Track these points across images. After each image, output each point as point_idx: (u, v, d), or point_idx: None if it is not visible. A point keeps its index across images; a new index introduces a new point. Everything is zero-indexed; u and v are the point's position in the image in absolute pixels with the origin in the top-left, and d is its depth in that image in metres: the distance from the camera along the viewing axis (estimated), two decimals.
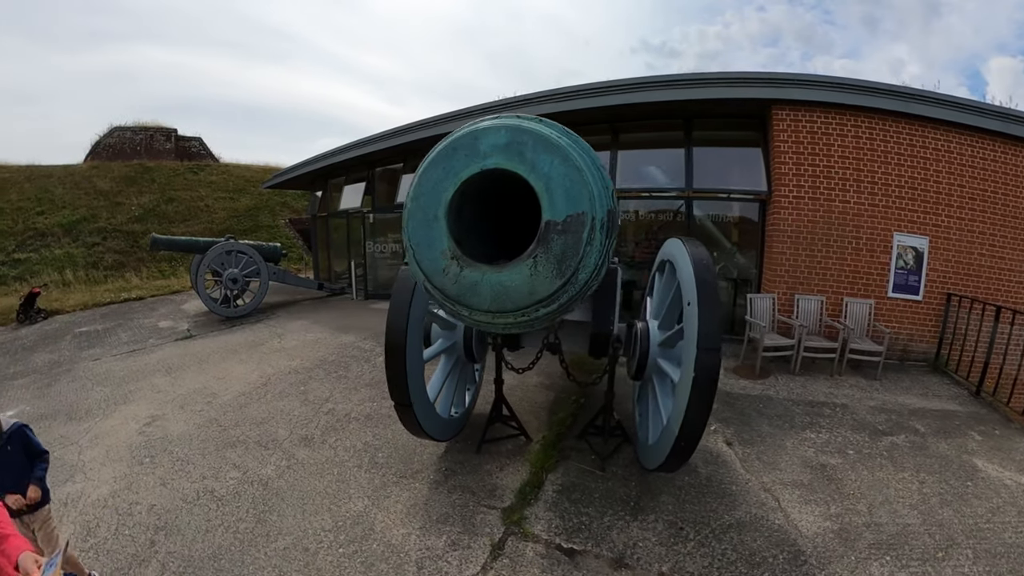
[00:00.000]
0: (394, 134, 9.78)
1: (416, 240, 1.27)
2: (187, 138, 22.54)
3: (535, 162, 1.22)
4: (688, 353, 2.67)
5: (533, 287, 1.23)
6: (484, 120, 1.38)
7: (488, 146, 1.23)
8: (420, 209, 1.27)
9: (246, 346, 6.83)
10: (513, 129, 1.25)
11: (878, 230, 6.32)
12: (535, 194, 1.26)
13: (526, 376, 4.90)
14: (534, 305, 1.28)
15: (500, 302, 1.25)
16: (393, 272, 10.62)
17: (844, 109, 6.26)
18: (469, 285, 1.26)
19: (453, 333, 3.74)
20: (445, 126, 8.72)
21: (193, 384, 5.35)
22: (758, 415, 4.52)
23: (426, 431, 3.25)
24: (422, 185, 1.28)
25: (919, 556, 2.67)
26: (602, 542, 2.78)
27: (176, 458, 3.79)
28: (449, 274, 1.26)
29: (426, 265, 1.29)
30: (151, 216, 16.87)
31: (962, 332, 5.88)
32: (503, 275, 1.26)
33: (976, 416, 4.63)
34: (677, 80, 6.68)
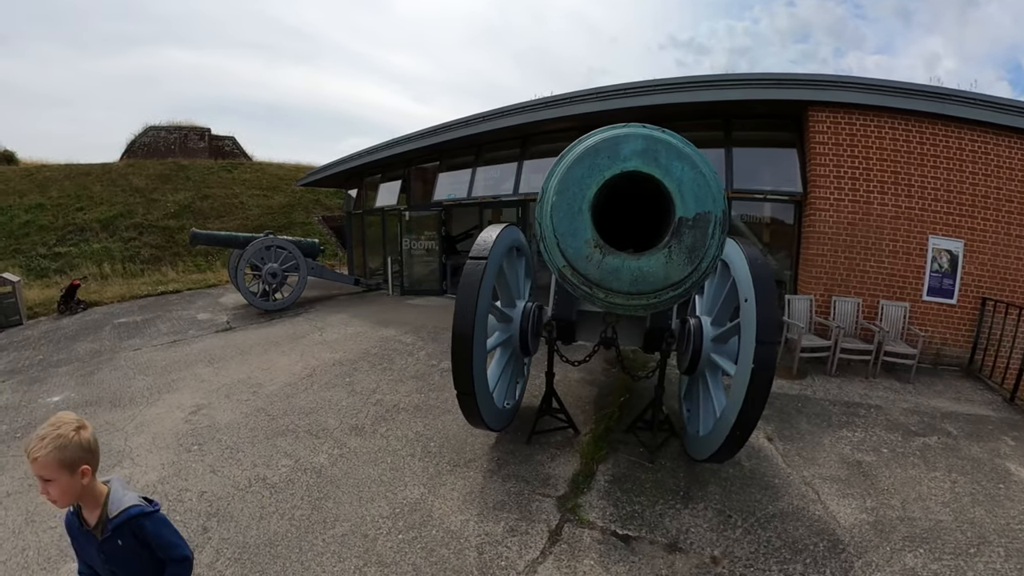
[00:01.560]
0: (429, 133, 10.02)
1: (562, 230, 1.41)
2: (220, 137, 23.18)
3: (669, 167, 1.37)
4: (746, 347, 2.82)
5: (668, 273, 1.40)
6: (616, 128, 1.49)
7: (628, 151, 1.37)
8: (565, 202, 1.40)
9: (287, 338, 7.03)
10: (647, 137, 1.39)
11: (913, 233, 6.31)
12: (662, 194, 1.37)
13: (568, 372, 5.02)
14: (666, 288, 1.43)
15: (638, 285, 1.41)
16: (428, 269, 10.86)
17: (880, 111, 6.27)
18: (611, 270, 1.40)
19: (509, 326, 3.87)
20: (479, 126, 8.94)
21: (237, 375, 5.52)
22: (797, 413, 4.63)
23: (484, 420, 3.38)
24: (567, 181, 1.42)
25: (951, 551, 2.77)
26: (656, 529, 2.92)
27: (225, 446, 3.85)
28: (592, 260, 1.41)
29: (571, 253, 1.43)
30: (186, 212, 17.41)
31: (997, 337, 5.85)
32: (641, 262, 1.42)
33: (1009, 422, 4.65)
34: (717, 80, 6.75)
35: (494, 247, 3.31)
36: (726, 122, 7.34)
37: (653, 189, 1.39)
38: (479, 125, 8.91)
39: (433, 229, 10.71)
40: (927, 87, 6.26)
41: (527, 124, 8.37)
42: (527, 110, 8.26)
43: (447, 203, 10.38)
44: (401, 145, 10.63)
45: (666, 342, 3.69)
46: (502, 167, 9.70)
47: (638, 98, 7.19)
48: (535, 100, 8.36)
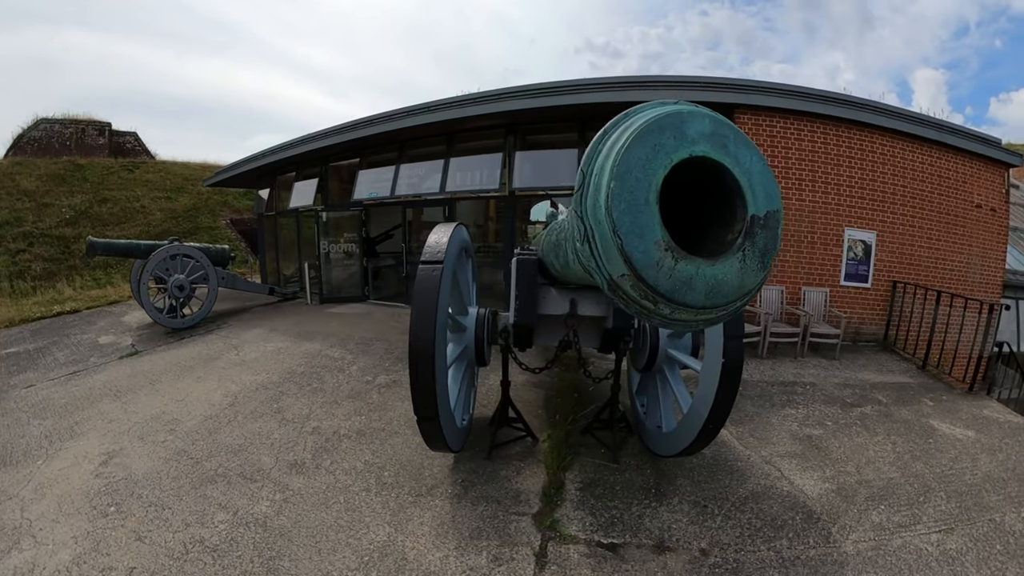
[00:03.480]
0: (349, 128, 9.56)
1: (624, 228, 1.14)
2: (121, 133, 20.81)
3: (738, 156, 1.22)
4: (714, 341, 2.93)
5: (743, 281, 1.22)
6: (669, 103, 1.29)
7: (695, 132, 1.18)
8: (628, 191, 1.14)
9: (201, 361, 6.26)
10: (714, 119, 1.21)
11: (831, 225, 7.08)
12: (730, 189, 1.21)
13: (513, 377, 4.85)
14: (738, 299, 1.24)
15: (713, 297, 1.21)
16: (349, 274, 10.27)
17: (800, 115, 6.89)
18: (684, 280, 1.18)
19: (463, 336, 3.70)
20: (402, 121, 8.61)
21: (149, 409, 4.81)
22: (740, 397, 4.92)
23: (448, 444, 3.17)
24: (628, 162, 1.15)
25: (906, 502, 3.21)
26: (639, 531, 2.93)
27: (148, 503, 3.26)
28: (664, 267, 1.16)
29: (637, 258, 1.16)
30: (83, 218, 15.44)
31: (907, 314, 6.60)
32: (716, 269, 1.19)
33: (925, 386, 5.39)
34: (648, 81, 7.00)
35: (448, 249, 3.13)
36: None
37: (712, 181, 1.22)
38: (403, 120, 8.61)
39: (353, 230, 10.19)
40: (843, 95, 7.07)
41: (454, 120, 8.21)
42: (454, 106, 8.12)
43: (368, 202, 9.93)
44: (318, 140, 10.01)
45: (624, 342, 3.69)
46: (427, 164, 9.45)
47: (569, 96, 7.30)
48: (462, 96, 8.24)
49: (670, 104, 1.30)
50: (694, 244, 1.25)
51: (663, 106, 1.31)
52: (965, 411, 4.66)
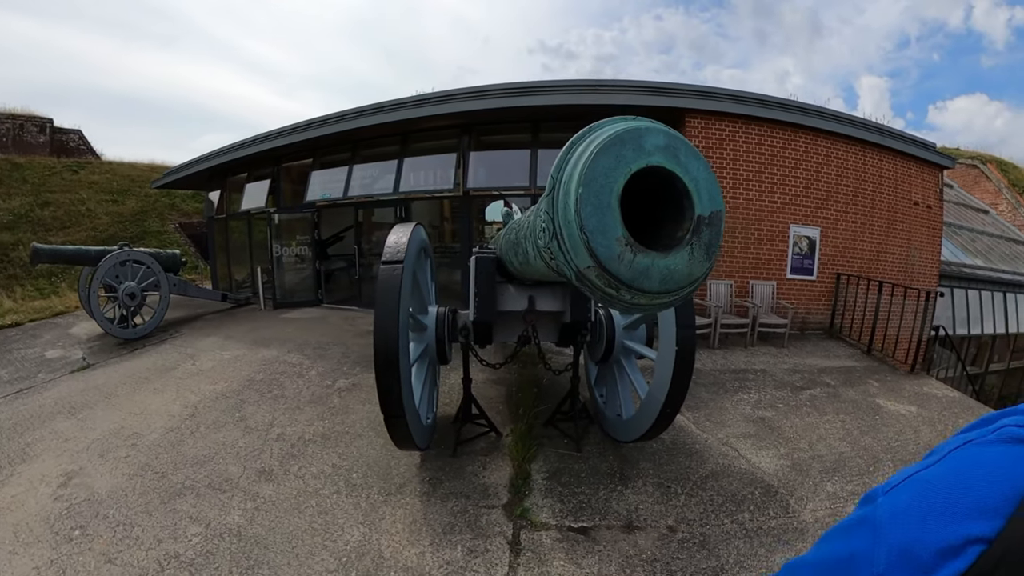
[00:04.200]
0: (302, 128, 9.40)
1: (591, 227, 1.36)
2: (64, 130, 19.25)
3: (687, 165, 1.42)
4: (667, 331, 3.16)
5: (691, 270, 1.43)
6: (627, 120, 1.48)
7: (651, 145, 1.40)
8: (594, 195, 1.35)
9: (157, 372, 6.06)
10: (667, 133, 1.43)
11: (777, 223, 7.57)
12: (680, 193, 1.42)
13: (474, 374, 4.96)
14: (688, 285, 1.46)
15: (666, 284, 1.42)
16: (302, 277, 10.10)
17: (748, 119, 7.34)
18: (642, 270, 1.40)
19: (424, 335, 3.79)
20: (356, 121, 8.60)
21: (107, 425, 4.61)
22: (695, 385, 5.27)
23: (414, 440, 3.26)
24: (594, 171, 1.36)
25: (857, 473, 3.54)
26: (607, 514, 3.10)
27: (115, 522, 3.13)
28: (624, 260, 1.38)
29: (601, 252, 1.38)
30: (23, 223, 14.34)
31: (851, 304, 7.21)
32: (668, 260, 1.41)
33: (870, 368, 5.92)
34: (603, 85, 7.35)
35: (408, 249, 3.18)
36: None
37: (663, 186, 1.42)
38: (357, 120, 8.58)
39: (306, 232, 10.03)
40: (789, 101, 7.63)
41: (408, 120, 8.25)
42: (408, 106, 8.17)
43: (321, 203, 9.82)
44: (270, 141, 9.79)
45: (581, 335, 3.88)
46: (381, 164, 9.44)
47: (523, 98, 7.48)
48: (417, 96, 8.32)
49: (630, 120, 1.49)
50: (651, 239, 1.47)
51: (624, 122, 1.50)
52: (907, 389, 5.18)
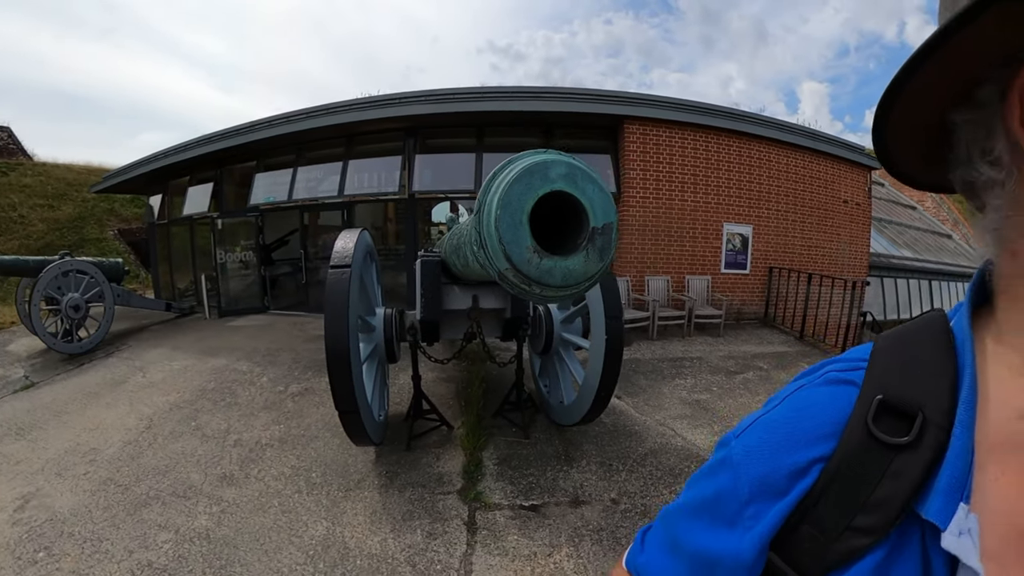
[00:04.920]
0: (246, 130, 9.28)
1: (507, 239, 1.75)
2: None
3: (584, 188, 1.81)
4: (598, 322, 3.53)
5: (587, 269, 1.83)
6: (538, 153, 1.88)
7: (555, 174, 1.79)
8: (509, 215, 1.74)
9: (107, 386, 5.95)
10: (568, 164, 1.83)
11: (711, 222, 8.20)
12: (580, 209, 1.81)
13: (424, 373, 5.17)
14: (586, 280, 1.87)
15: (567, 280, 1.83)
16: (246, 284, 9.98)
17: (684, 125, 7.92)
18: (547, 270, 1.79)
19: (373, 335, 4.00)
20: (302, 123, 8.62)
21: (61, 444, 4.50)
22: (634, 373, 5.66)
23: (369, 435, 3.45)
24: (509, 197, 1.76)
25: None
26: (555, 492, 3.41)
27: (82, 539, 3.12)
28: (533, 263, 1.77)
29: (515, 257, 1.78)
30: None
31: (783, 294, 8.00)
32: (568, 262, 1.82)
33: (802, 353, 6.55)
34: (545, 92, 7.66)
35: (355, 253, 3.37)
36: (547, 130, 8.39)
37: (568, 205, 1.80)
38: (303, 122, 8.59)
39: (250, 237, 9.89)
40: (724, 108, 8.25)
41: (354, 123, 8.35)
42: (354, 108, 8.27)
43: (265, 207, 9.71)
44: (214, 143, 9.60)
45: (523, 330, 4.22)
46: (325, 167, 9.44)
47: (469, 103, 7.76)
48: (363, 98, 8.43)
49: (541, 154, 1.87)
50: (558, 246, 1.85)
51: (536, 155, 1.89)
52: None
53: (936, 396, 0.40)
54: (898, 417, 0.41)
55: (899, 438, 0.40)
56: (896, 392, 0.42)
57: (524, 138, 8.51)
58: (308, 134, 8.81)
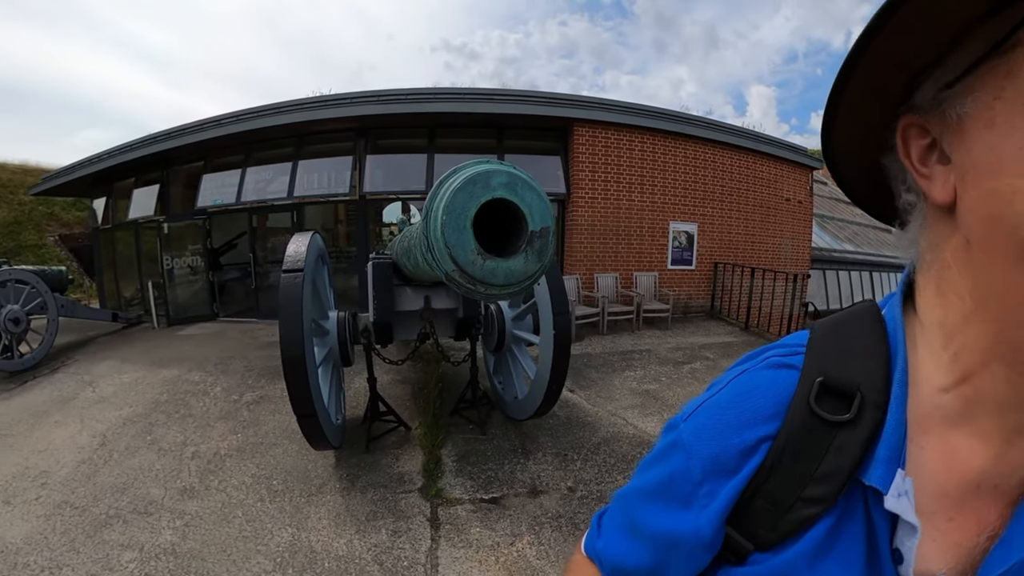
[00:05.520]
0: (194, 129, 8.96)
1: (452, 243, 1.90)
2: None
3: (523, 195, 1.96)
4: (546, 319, 3.69)
5: (526, 269, 2.00)
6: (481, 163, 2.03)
7: (496, 183, 1.93)
8: (454, 221, 1.89)
9: (55, 403, 5.70)
10: (509, 173, 1.98)
11: (657, 220, 8.62)
12: (520, 215, 1.99)
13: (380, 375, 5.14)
14: (527, 279, 2.03)
15: (508, 279, 1.99)
16: (194, 290, 9.68)
17: (632, 128, 8.23)
18: (490, 271, 1.95)
19: (327, 339, 4.00)
20: (251, 122, 8.44)
21: (8, 468, 4.26)
22: (585, 367, 5.93)
23: (328, 439, 3.48)
24: (453, 204, 1.90)
25: None
26: (514, 483, 3.58)
27: (39, 567, 2.99)
28: (477, 265, 1.93)
29: (460, 260, 1.93)
30: None
31: (728, 288, 8.52)
32: (509, 263, 1.99)
33: (748, 342, 6.96)
34: (497, 94, 7.82)
35: (307, 257, 3.36)
36: (499, 131, 8.52)
37: (509, 211, 1.96)
38: (252, 121, 8.40)
39: (198, 242, 9.57)
40: (671, 111, 8.63)
41: (304, 123, 8.24)
42: (304, 108, 8.16)
43: (212, 210, 9.42)
44: (160, 142, 9.21)
45: (475, 328, 4.33)
46: (275, 167, 9.25)
47: (420, 104, 7.82)
48: (313, 98, 8.34)
49: (484, 163, 2.04)
50: (500, 248, 2.03)
51: (479, 165, 2.06)
52: None
53: (872, 377, 0.44)
54: (838, 397, 0.44)
55: (840, 416, 0.43)
56: (835, 374, 0.45)
57: (476, 139, 8.62)
58: (257, 134, 8.62)
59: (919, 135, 0.41)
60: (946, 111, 0.38)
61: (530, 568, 2.82)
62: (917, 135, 0.41)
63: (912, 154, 0.42)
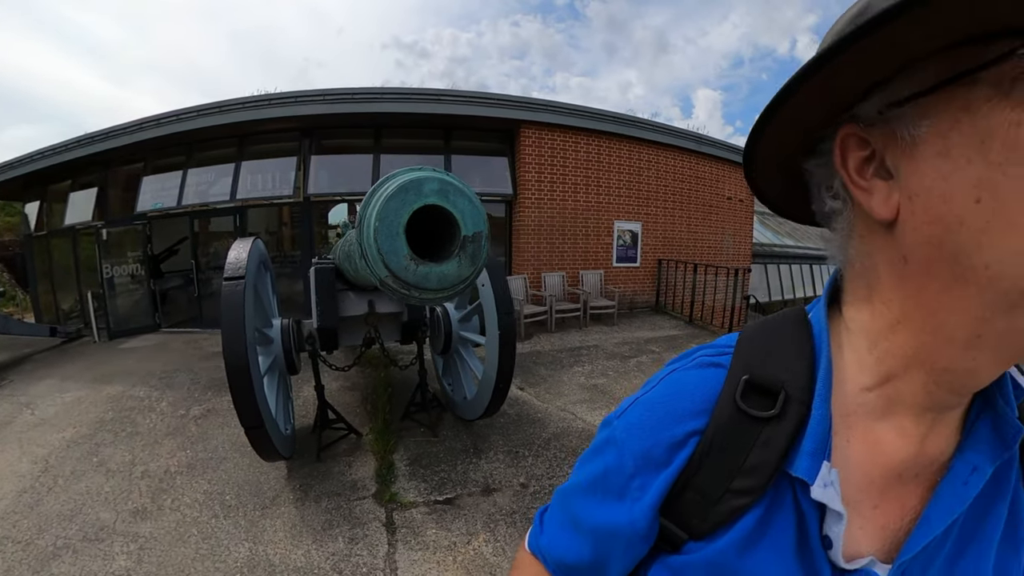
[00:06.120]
0: (135, 128, 8.60)
1: (386, 249, 1.93)
2: None
3: (455, 201, 2.02)
4: (491, 319, 3.77)
5: (460, 273, 2.05)
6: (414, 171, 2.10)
7: (428, 190, 1.98)
8: (386, 227, 1.93)
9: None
10: (440, 180, 2.03)
11: (602, 220, 8.93)
12: (453, 220, 2.07)
13: (328, 384, 5.14)
14: (460, 283, 2.09)
15: (442, 283, 2.04)
16: (135, 300, 9.29)
17: (578, 130, 8.47)
18: (423, 275, 2.00)
19: (271, 348, 3.91)
20: (194, 121, 8.20)
21: None
22: (534, 365, 6.11)
23: (278, 450, 3.44)
24: (386, 211, 1.94)
25: None
26: (467, 483, 3.67)
27: None
28: (410, 270, 1.97)
29: (394, 266, 1.97)
30: None
31: (672, 284, 8.93)
32: (442, 267, 2.05)
33: (692, 335, 7.23)
34: (442, 95, 7.86)
35: (249, 264, 3.29)
36: (446, 132, 8.59)
37: (442, 216, 2.02)
38: (194, 121, 8.14)
39: (138, 248, 9.17)
40: (616, 113, 8.97)
41: (248, 122, 8.08)
42: (248, 107, 7.99)
43: (153, 214, 9.06)
44: (98, 142, 8.79)
45: (421, 331, 4.35)
46: (217, 168, 8.98)
47: (366, 104, 7.78)
48: (257, 96, 8.14)
49: (416, 171, 2.12)
50: (435, 253, 2.12)
51: (412, 172, 2.14)
52: None
53: (796, 375, 0.46)
54: (763, 394, 0.46)
55: (765, 412, 0.45)
56: (760, 372, 0.47)
57: (423, 140, 8.63)
58: (199, 133, 8.36)
59: (858, 146, 0.41)
60: (896, 129, 0.38)
61: (487, 565, 2.91)
62: (856, 146, 0.42)
63: (849, 164, 0.42)
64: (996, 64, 0.32)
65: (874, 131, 0.40)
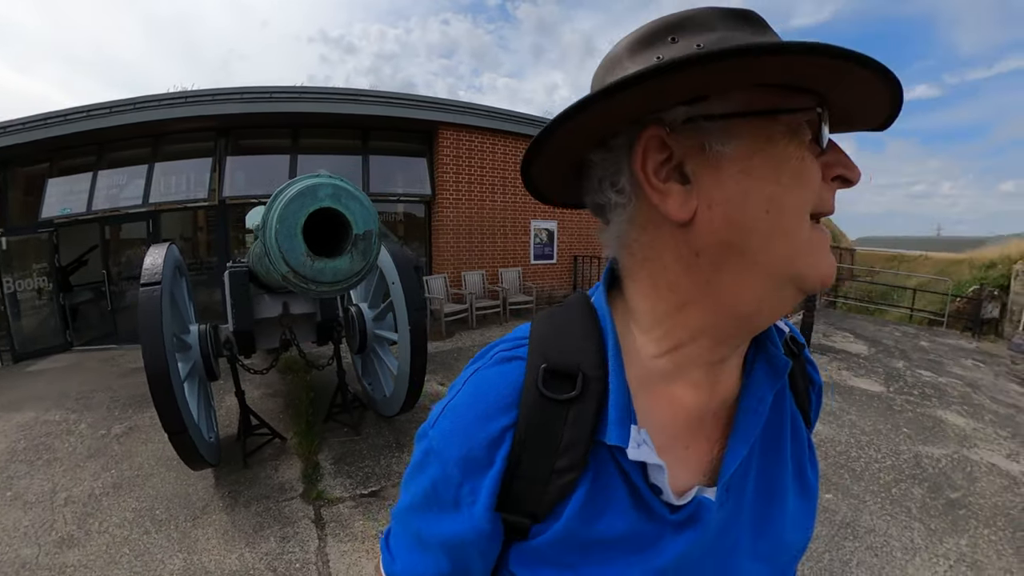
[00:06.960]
0: (39, 124, 7.80)
1: (285, 248, 2.13)
2: None
3: (348, 204, 2.26)
4: (402, 317, 3.87)
5: (352, 267, 2.28)
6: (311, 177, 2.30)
7: (323, 194, 2.21)
8: (286, 228, 2.14)
9: None
10: (334, 186, 2.26)
11: (519, 219, 9.21)
12: (345, 221, 2.30)
13: (250, 390, 5.16)
14: (352, 277, 2.32)
15: (336, 277, 2.26)
16: (43, 317, 8.57)
17: (495, 132, 8.69)
18: (319, 270, 2.21)
19: (190, 354, 3.89)
20: (106, 119, 7.63)
21: None
22: (456, 361, 6.37)
23: (203, 456, 3.44)
24: (285, 214, 2.15)
25: None
26: (391, 475, 3.88)
27: None
28: (307, 266, 2.18)
29: (293, 262, 2.18)
30: None
31: (588, 278, 9.39)
32: (336, 263, 2.27)
33: None
34: (361, 95, 7.88)
35: (164, 269, 3.29)
36: (364, 132, 8.56)
37: (337, 217, 2.25)
38: (105, 118, 7.58)
39: (45, 259, 8.38)
40: (529, 116, 9.11)
41: (162, 121, 7.66)
42: (163, 105, 7.61)
43: (60, 220, 8.32)
44: None
45: (336, 331, 4.38)
46: (129, 170, 8.44)
47: (284, 104, 7.70)
48: (172, 94, 7.81)
49: (314, 177, 2.39)
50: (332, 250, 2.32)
51: (310, 179, 2.43)
52: None
53: (589, 356, 0.48)
54: (562, 378, 0.48)
55: (567, 394, 0.47)
56: (556, 359, 0.49)
57: (341, 140, 8.59)
58: (111, 132, 7.80)
59: (659, 149, 0.43)
60: (703, 141, 0.41)
61: None
62: (656, 148, 0.43)
63: (648, 166, 0.44)
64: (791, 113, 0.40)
65: (679, 138, 0.42)
